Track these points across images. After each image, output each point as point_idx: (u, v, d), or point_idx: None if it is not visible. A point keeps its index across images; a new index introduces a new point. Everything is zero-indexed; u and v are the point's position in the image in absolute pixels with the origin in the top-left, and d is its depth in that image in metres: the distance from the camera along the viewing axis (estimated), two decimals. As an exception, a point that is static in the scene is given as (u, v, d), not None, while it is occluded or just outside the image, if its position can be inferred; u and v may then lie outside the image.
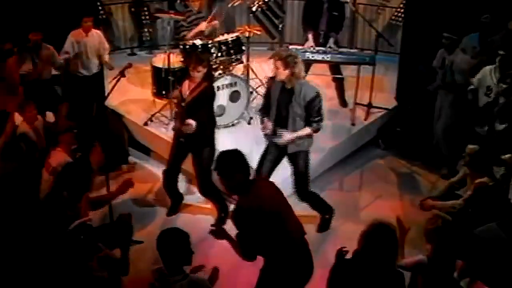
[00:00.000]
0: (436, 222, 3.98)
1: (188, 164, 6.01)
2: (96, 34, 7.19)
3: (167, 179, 6.04)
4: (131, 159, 7.15)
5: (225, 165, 3.76)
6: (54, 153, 5.29)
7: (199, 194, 6.11)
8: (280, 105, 5.20)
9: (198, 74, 5.50)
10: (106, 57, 7.33)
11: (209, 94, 5.67)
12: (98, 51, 7.23)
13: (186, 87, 5.62)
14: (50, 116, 6.51)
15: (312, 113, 5.14)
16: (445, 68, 6.48)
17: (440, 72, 6.55)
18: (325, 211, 5.85)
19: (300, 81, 5.13)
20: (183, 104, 5.63)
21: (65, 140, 5.36)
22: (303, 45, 7.43)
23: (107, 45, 7.40)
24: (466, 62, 6.41)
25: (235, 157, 3.77)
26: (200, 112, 5.52)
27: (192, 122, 5.42)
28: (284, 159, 5.54)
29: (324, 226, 5.88)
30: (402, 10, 8.88)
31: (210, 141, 5.76)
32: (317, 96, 5.13)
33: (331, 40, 7.36)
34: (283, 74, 5.06)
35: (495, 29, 6.62)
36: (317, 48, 7.23)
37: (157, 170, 6.98)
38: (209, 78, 5.76)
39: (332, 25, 7.41)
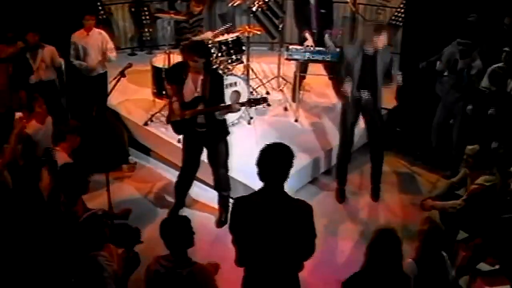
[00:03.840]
0: (426, 223, 4.03)
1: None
2: (98, 33, 7.12)
3: (181, 183, 5.99)
4: (131, 159, 7.15)
5: (267, 156, 3.48)
6: (55, 153, 5.23)
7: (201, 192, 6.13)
8: (365, 70, 5.88)
9: (198, 64, 5.34)
10: (112, 55, 7.21)
11: (222, 81, 5.69)
12: (102, 51, 7.16)
13: (191, 83, 5.45)
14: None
15: (394, 67, 6.13)
16: (458, 73, 6.35)
17: (451, 77, 6.44)
18: (378, 180, 6.50)
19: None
20: (198, 98, 5.46)
21: (71, 140, 5.23)
22: (299, 44, 7.41)
23: (111, 44, 7.28)
24: (482, 65, 6.30)
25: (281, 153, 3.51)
26: (222, 100, 5.50)
27: (236, 105, 5.54)
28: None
29: (376, 193, 6.49)
30: (402, 10, 8.89)
31: (226, 133, 5.74)
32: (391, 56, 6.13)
33: (327, 37, 7.37)
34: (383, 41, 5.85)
35: (483, 29, 6.59)
36: (317, 48, 7.23)
37: (157, 170, 7.01)
38: (211, 67, 5.72)
39: (322, 23, 7.42)
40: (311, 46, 7.24)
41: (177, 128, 5.69)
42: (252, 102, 5.60)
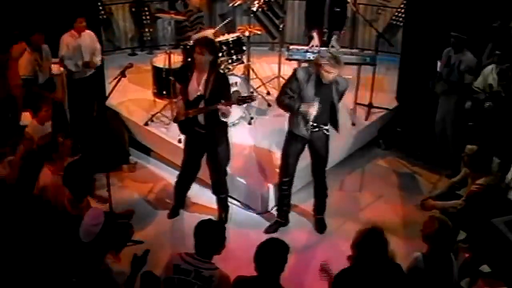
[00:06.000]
0: (433, 225, 4.01)
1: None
2: (88, 35, 7.06)
3: (180, 183, 5.98)
4: (132, 159, 7.15)
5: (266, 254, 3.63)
6: (43, 172, 4.98)
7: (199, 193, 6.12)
8: (321, 100, 5.35)
9: (204, 59, 5.32)
10: (97, 59, 7.12)
11: (226, 80, 5.61)
12: (92, 52, 7.09)
13: (195, 82, 5.43)
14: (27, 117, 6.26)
15: (341, 98, 5.51)
16: (451, 67, 6.39)
17: (445, 70, 6.46)
18: (322, 211, 5.98)
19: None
20: (200, 96, 5.41)
21: (59, 156, 5.03)
22: (305, 44, 7.37)
23: (99, 46, 7.21)
24: (474, 61, 6.34)
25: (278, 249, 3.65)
26: (223, 100, 5.40)
27: (227, 107, 5.32)
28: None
29: (321, 225, 6.01)
30: (402, 10, 8.89)
31: (226, 135, 5.71)
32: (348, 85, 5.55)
33: (334, 38, 7.34)
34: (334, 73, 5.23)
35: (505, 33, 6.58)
36: (318, 49, 7.22)
37: (158, 170, 7.01)
38: (217, 66, 5.67)
39: (334, 22, 7.34)
40: (316, 46, 7.23)
41: (182, 127, 5.68)
42: (240, 101, 5.54)
